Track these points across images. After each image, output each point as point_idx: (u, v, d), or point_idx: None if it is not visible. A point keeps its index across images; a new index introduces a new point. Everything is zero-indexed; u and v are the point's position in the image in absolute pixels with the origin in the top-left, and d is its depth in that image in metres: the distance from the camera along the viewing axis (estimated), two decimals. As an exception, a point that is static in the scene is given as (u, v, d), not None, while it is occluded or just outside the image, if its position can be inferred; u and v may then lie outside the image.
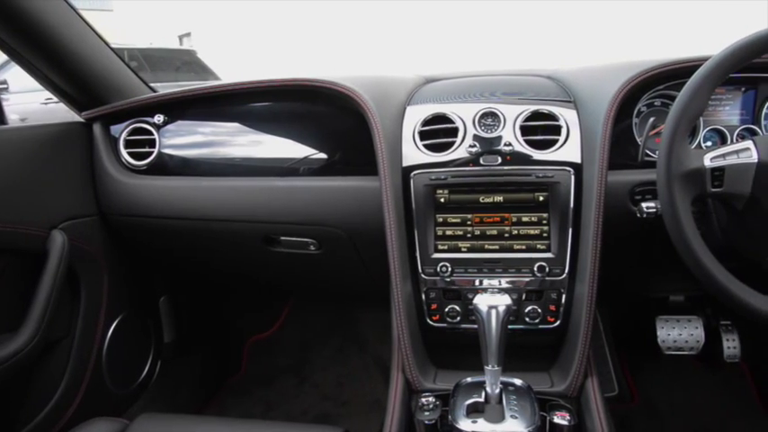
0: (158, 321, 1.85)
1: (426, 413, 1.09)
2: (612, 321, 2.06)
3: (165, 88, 1.62)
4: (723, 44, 0.97)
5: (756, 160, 0.94)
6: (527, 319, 1.25)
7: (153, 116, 1.53)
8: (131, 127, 1.55)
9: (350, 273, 1.63)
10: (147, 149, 1.54)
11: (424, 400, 1.12)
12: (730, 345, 1.82)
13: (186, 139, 1.56)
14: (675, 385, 1.98)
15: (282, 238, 1.49)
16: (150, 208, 1.52)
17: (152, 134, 1.54)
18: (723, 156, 0.96)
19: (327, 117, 1.48)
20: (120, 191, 1.53)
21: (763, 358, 1.93)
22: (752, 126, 1.29)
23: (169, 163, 1.54)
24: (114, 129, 1.58)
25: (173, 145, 1.54)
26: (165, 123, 1.54)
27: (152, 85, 1.70)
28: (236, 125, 1.53)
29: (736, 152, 0.96)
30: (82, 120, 1.57)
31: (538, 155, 1.22)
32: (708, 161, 0.96)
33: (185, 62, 6.55)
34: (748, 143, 0.97)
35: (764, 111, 1.29)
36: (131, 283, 1.72)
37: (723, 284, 0.93)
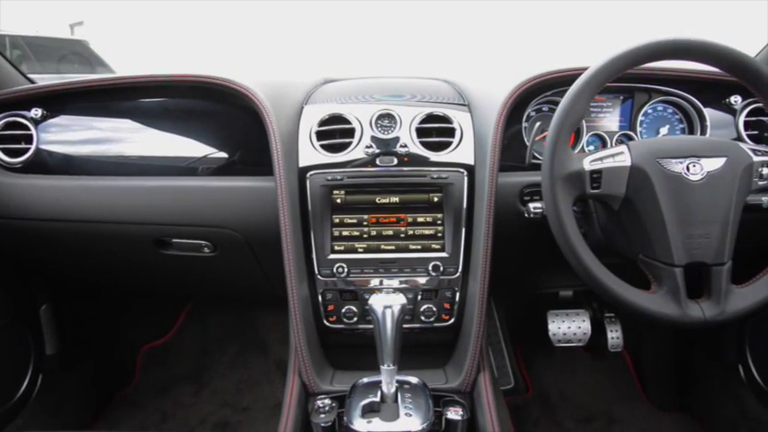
0: (39, 332, 1.71)
1: (322, 415, 1.09)
2: (508, 317, 2.14)
3: (51, 80, 1.50)
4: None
5: (630, 164, 1.01)
6: (423, 318, 1.27)
7: (29, 110, 1.41)
8: (4, 121, 1.42)
9: (247, 275, 1.58)
10: (23, 146, 1.41)
11: (319, 402, 1.11)
12: (614, 336, 1.95)
13: (71, 135, 1.45)
14: (566, 375, 2.10)
15: (174, 240, 1.43)
16: (29, 209, 1.40)
17: (28, 129, 1.41)
18: (601, 159, 1.02)
19: (224, 116, 1.43)
20: None
21: (642, 347, 2.08)
22: (629, 132, 1.38)
23: (50, 161, 1.42)
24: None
25: (55, 141, 1.43)
26: (45, 118, 1.42)
27: (36, 76, 1.56)
28: (127, 122, 1.44)
29: (612, 156, 1.02)
30: None
31: (433, 156, 1.24)
32: (587, 164, 1.01)
33: (75, 53, 6.11)
34: (623, 148, 1.03)
35: (640, 118, 1.39)
36: (6, 291, 1.58)
37: (599, 279, 0.99)
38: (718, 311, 0.98)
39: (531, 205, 1.19)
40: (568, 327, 1.94)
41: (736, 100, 1.36)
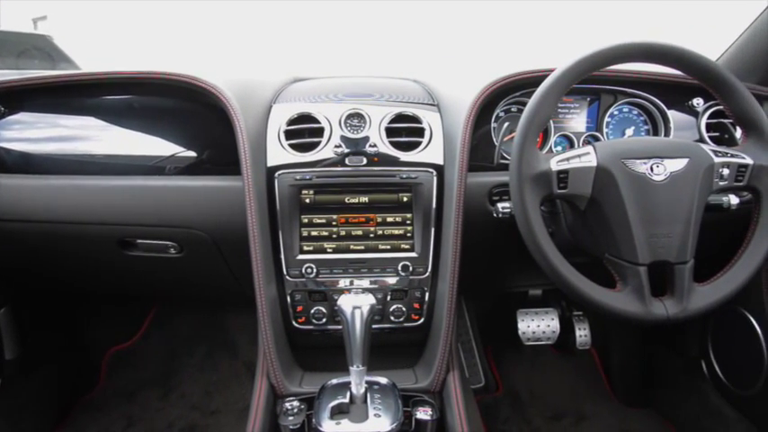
0: (-3, 336, 1.65)
1: (290, 418, 1.08)
2: (478, 316, 2.16)
3: (10, 76, 1.45)
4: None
5: (595, 164, 1.02)
6: (392, 318, 1.27)
7: None
8: None
9: (215, 276, 1.56)
10: None
11: (287, 404, 1.11)
12: (582, 333, 1.98)
13: (31, 133, 1.41)
14: (535, 373, 2.12)
15: (139, 241, 1.40)
16: None
17: None
18: (567, 159, 1.03)
19: (191, 114, 1.41)
20: None
21: (609, 344, 2.12)
22: (595, 133, 1.40)
23: (8, 159, 1.38)
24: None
25: (14, 139, 1.38)
26: (3, 115, 1.38)
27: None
28: (91, 119, 1.40)
29: (579, 156, 1.03)
30: None
31: (402, 156, 1.24)
32: (554, 164, 1.02)
33: (37, 48, 5.92)
34: (589, 148, 1.04)
35: (606, 119, 1.41)
36: None
37: (566, 277, 1.00)
38: (680, 309, 1.00)
39: (500, 205, 1.20)
40: (537, 325, 1.97)
41: (698, 102, 1.39)
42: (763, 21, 1.35)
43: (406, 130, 1.27)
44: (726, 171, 1.04)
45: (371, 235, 1.24)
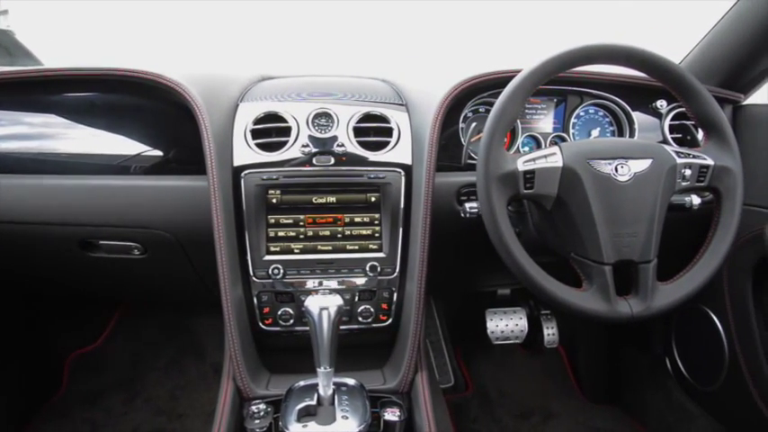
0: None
1: (257, 421, 1.06)
2: (448, 316, 2.17)
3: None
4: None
5: (561, 164, 1.03)
6: (360, 319, 1.26)
7: None
8: None
9: (181, 278, 1.53)
10: None
11: (254, 407, 1.09)
12: (550, 332, 2.00)
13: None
14: (504, 372, 2.14)
15: (102, 242, 1.36)
16: None
17: None
18: (534, 160, 1.03)
19: (156, 112, 1.37)
20: None
21: (576, 343, 2.15)
22: (562, 134, 1.42)
23: (-37, 158, 1.33)
24: None
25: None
26: None
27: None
28: (52, 117, 1.36)
29: (545, 157, 1.04)
30: None
31: (370, 156, 1.23)
32: (521, 165, 1.02)
33: (-3, 43, 5.74)
34: (555, 149, 1.05)
35: (572, 120, 1.42)
36: None
37: (532, 277, 1.00)
38: (644, 307, 1.01)
39: (468, 205, 1.20)
40: (506, 324, 1.98)
41: (661, 104, 1.41)
42: (724, 25, 1.38)
43: (374, 130, 1.26)
44: (688, 172, 1.06)
45: (339, 235, 1.23)
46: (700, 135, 1.37)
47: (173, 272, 1.50)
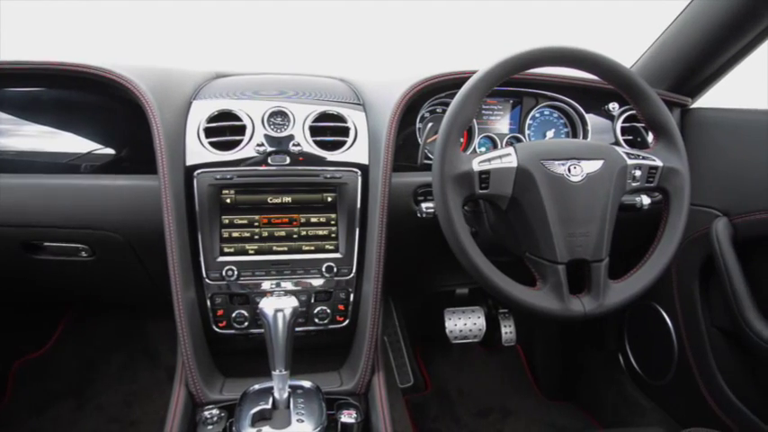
0: None
1: (210, 427, 1.05)
2: (407, 316, 2.17)
3: None
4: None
5: (516, 165, 1.04)
6: (316, 320, 1.25)
7: None
8: None
9: (132, 280, 1.49)
10: None
11: (206, 413, 1.07)
12: (507, 331, 2.03)
13: None
14: (463, 371, 2.15)
15: (46, 244, 1.31)
16: None
17: None
18: (489, 160, 1.04)
19: (106, 109, 1.33)
20: None
21: (533, 341, 2.18)
22: (518, 135, 1.43)
23: None
24: None
25: None
26: None
27: None
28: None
29: (500, 157, 1.04)
30: None
31: (326, 156, 1.22)
32: (476, 165, 1.03)
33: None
34: (510, 149, 1.06)
35: (528, 121, 1.44)
36: None
37: (487, 276, 1.01)
38: (596, 305, 1.03)
39: (424, 205, 1.20)
40: (464, 324, 1.99)
41: (613, 107, 1.44)
42: (673, 31, 1.42)
43: (330, 130, 1.25)
44: (638, 173, 1.08)
45: (295, 236, 1.22)
46: (650, 137, 1.40)
47: (123, 274, 1.45)
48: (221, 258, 1.19)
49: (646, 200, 1.27)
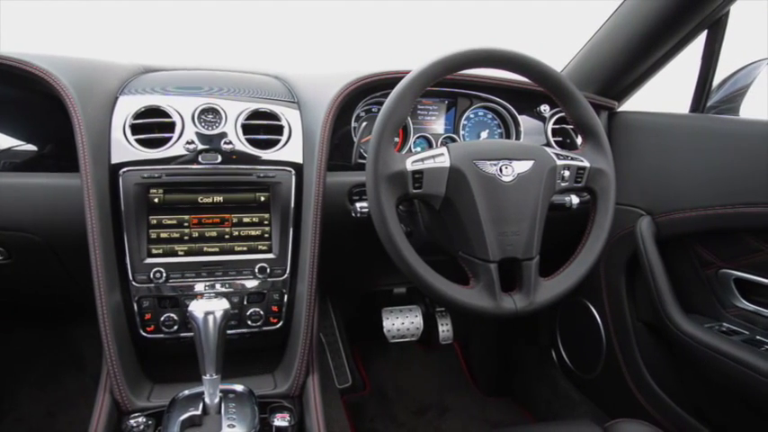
0: None
1: None
2: (345, 316, 2.16)
3: None
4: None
5: (449, 165, 1.04)
6: (249, 323, 1.22)
7: None
8: None
9: (54, 284, 1.41)
10: None
11: (132, 421, 1.03)
12: (444, 329, 2.05)
13: None
14: (401, 370, 2.16)
15: None
16: None
17: None
18: (422, 160, 1.04)
19: (26, 104, 1.25)
20: None
21: (470, 338, 2.21)
22: (453, 135, 1.45)
23: None
24: None
25: None
26: None
27: None
28: None
29: (433, 157, 1.05)
30: None
31: (260, 154, 1.19)
32: (409, 165, 1.03)
33: None
34: (443, 149, 1.07)
35: (462, 122, 1.46)
36: None
37: (421, 275, 1.01)
38: (527, 302, 1.05)
39: (359, 205, 1.20)
40: (402, 323, 2.00)
41: (544, 108, 1.48)
42: (601, 36, 1.47)
43: (264, 128, 1.22)
44: (567, 173, 1.11)
45: (227, 236, 1.19)
46: (579, 139, 1.45)
47: (44, 278, 1.38)
48: (149, 260, 1.15)
49: (575, 199, 1.31)
